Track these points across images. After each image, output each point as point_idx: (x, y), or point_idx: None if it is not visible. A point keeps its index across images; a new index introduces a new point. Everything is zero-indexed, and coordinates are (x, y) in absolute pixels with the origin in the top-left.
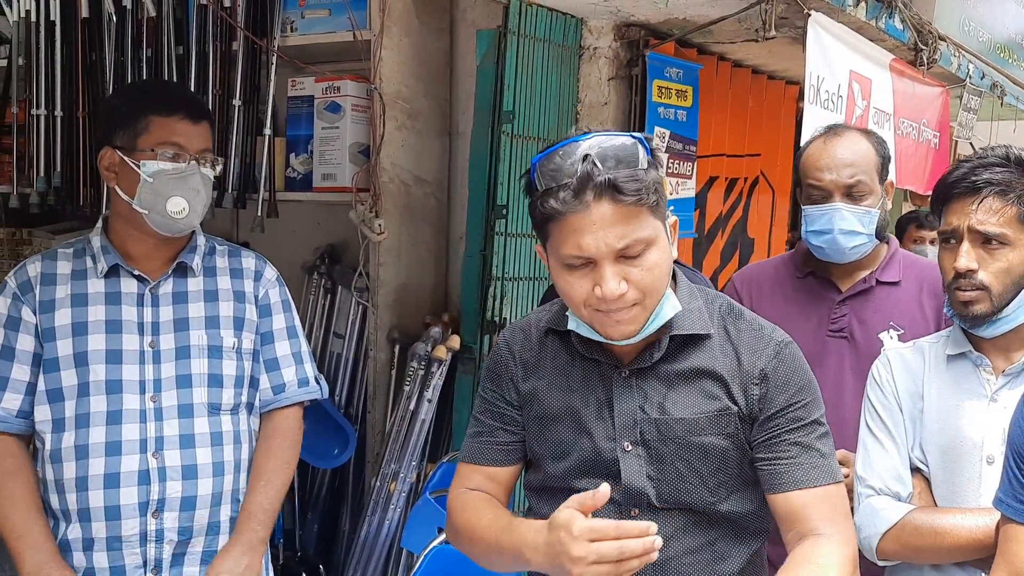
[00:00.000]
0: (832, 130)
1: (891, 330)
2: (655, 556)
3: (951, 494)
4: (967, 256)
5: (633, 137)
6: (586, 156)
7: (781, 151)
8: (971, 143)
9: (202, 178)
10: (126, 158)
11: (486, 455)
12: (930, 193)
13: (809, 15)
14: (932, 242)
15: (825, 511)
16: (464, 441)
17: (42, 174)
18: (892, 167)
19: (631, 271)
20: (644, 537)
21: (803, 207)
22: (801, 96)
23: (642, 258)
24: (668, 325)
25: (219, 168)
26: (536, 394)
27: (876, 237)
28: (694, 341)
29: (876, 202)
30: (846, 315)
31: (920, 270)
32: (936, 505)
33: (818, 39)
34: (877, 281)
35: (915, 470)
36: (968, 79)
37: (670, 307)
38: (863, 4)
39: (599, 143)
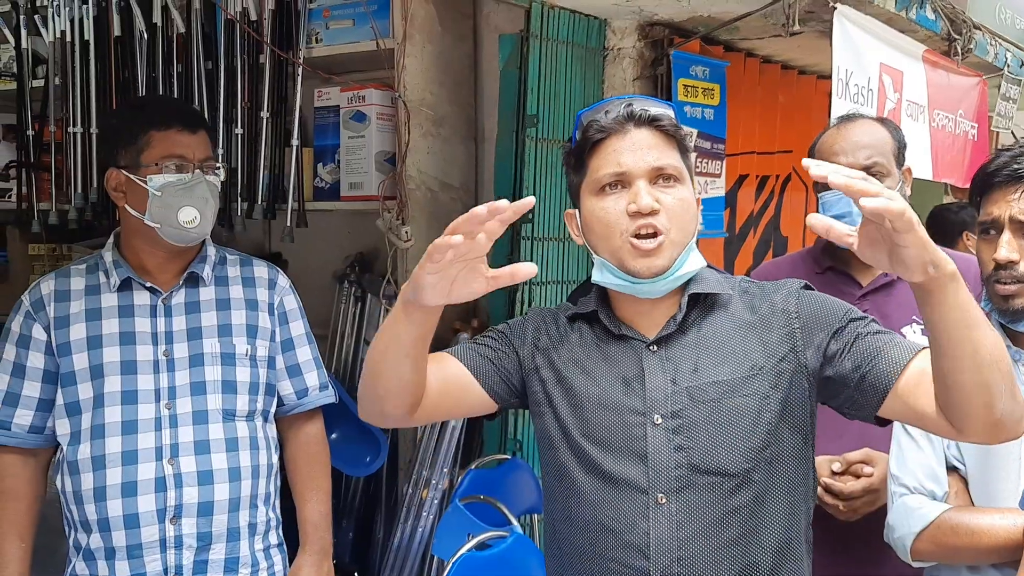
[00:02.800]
0: (846, 117)
1: (915, 324)
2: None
3: (988, 493)
4: (1008, 246)
5: (670, 105)
6: (629, 103)
7: None
8: (1012, 132)
9: (208, 186)
10: (132, 176)
11: (467, 357)
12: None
13: (835, 8)
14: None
15: None
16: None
17: (79, 190)
18: (928, 157)
19: (663, 196)
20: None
21: (820, 195)
22: None
23: (674, 188)
24: (687, 289)
25: (222, 174)
26: (556, 379)
27: None
28: (716, 306)
29: (895, 185)
30: (867, 310)
31: None
32: (973, 505)
33: (845, 32)
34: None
35: (951, 469)
36: (1006, 68)
37: (696, 258)
38: None
39: (641, 100)
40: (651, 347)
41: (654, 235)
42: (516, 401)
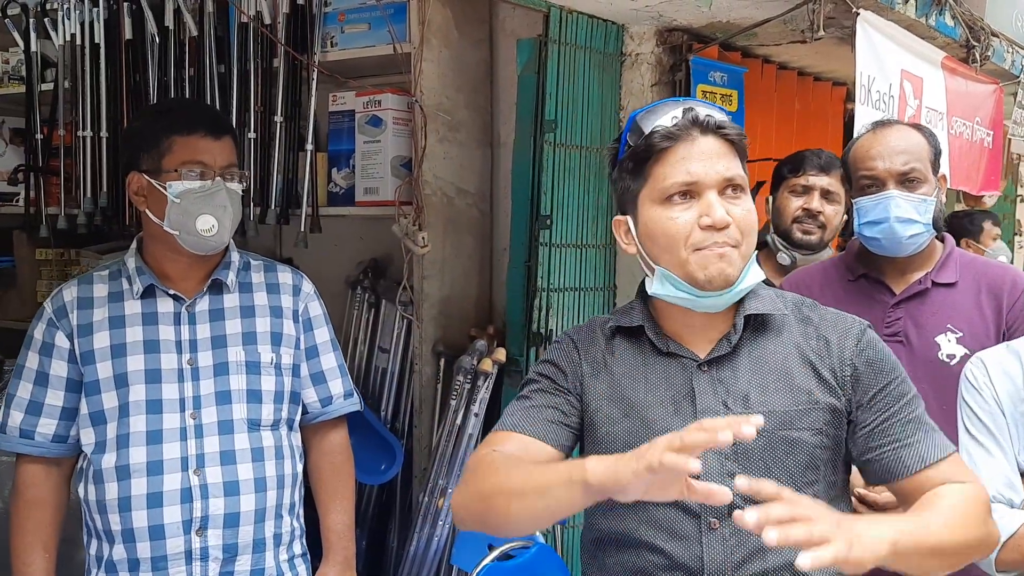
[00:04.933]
0: (881, 123)
1: (948, 333)
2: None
3: None
4: None
5: (722, 110)
6: (690, 107)
7: None
8: None
9: (229, 194)
10: (152, 181)
11: (530, 425)
12: (984, 194)
13: (858, 14)
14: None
15: (953, 474)
16: (504, 416)
17: (89, 195)
18: (945, 164)
19: (732, 208)
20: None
21: (855, 200)
22: (849, 97)
23: (740, 199)
24: (742, 307)
25: (245, 182)
26: (602, 397)
27: (933, 227)
28: (770, 328)
29: (931, 191)
30: (901, 318)
31: (977, 269)
32: None
33: (867, 38)
34: (933, 282)
35: (1022, 473)
36: (1023, 75)
37: (756, 270)
38: (912, 1)
39: (697, 103)
40: (702, 367)
41: (728, 246)
42: (578, 442)
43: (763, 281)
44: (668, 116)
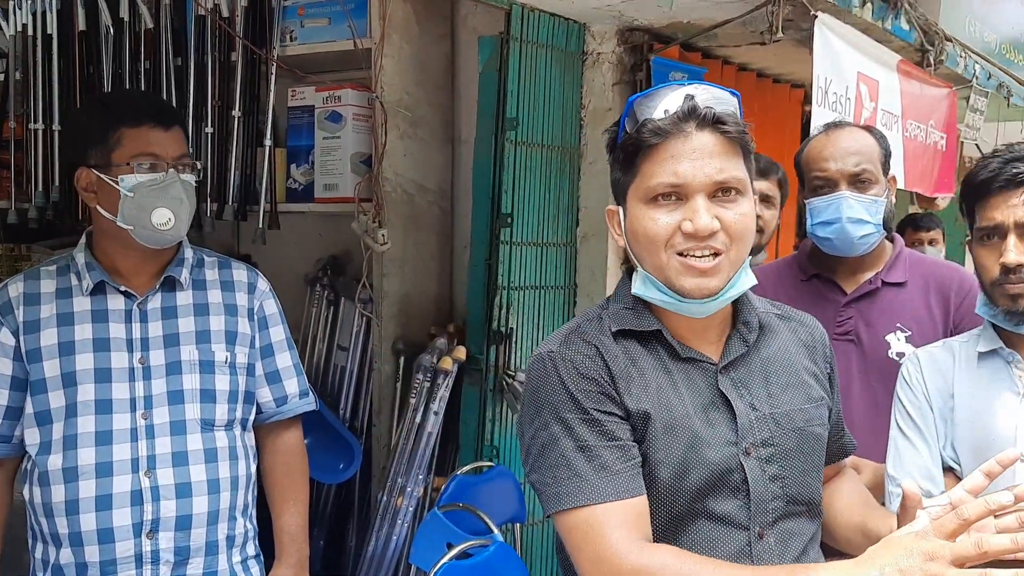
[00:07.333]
0: (834, 124)
1: (898, 332)
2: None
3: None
4: (1015, 250)
5: (732, 93)
6: (690, 95)
7: (788, 155)
8: (977, 144)
9: (183, 185)
10: (103, 176)
11: (626, 483)
12: (938, 196)
13: (816, 16)
14: (931, 243)
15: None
16: (570, 483)
17: (41, 189)
18: (900, 166)
19: (724, 212)
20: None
21: (808, 201)
22: (807, 99)
23: (736, 202)
24: (740, 308)
25: (199, 172)
26: (641, 410)
27: (884, 228)
28: (764, 328)
29: (881, 192)
30: (852, 317)
31: (926, 269)
32: None
33: (825, 40)
34: (883, 282)
35: (948, 469)
36: (975, 80)
37: (748, 277)
38: (869, 5)
39: (701, 87)
40: (721, 371)
41: (713, 255)
42: None
43: None
44: (662, 107)
